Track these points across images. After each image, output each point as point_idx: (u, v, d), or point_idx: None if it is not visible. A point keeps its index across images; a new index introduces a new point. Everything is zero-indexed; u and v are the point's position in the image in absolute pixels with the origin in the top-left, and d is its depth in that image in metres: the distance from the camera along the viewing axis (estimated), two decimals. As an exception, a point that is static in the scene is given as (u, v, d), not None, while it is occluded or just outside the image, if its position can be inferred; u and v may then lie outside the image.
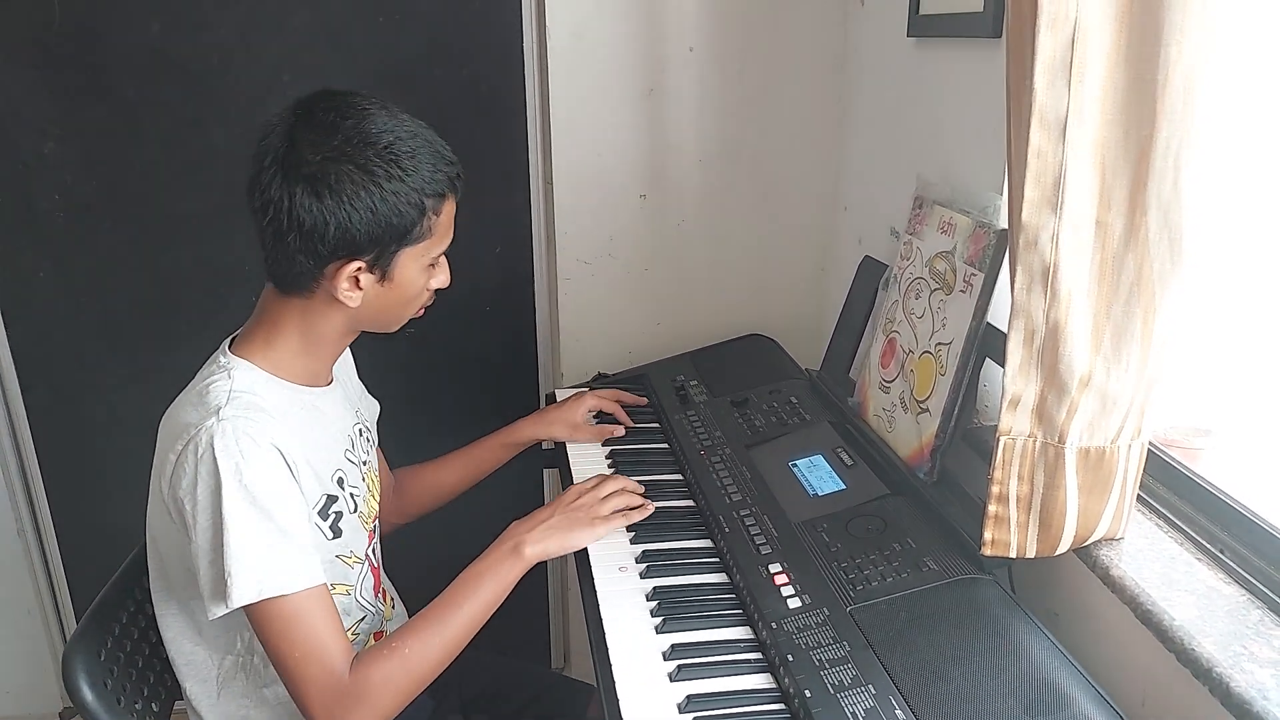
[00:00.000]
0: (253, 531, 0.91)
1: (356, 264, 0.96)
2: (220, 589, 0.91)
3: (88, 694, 0.97)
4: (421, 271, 1.02)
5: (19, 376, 1.72)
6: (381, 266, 0.98)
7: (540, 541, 1.06)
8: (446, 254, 1.06)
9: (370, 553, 1.14)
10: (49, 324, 1.70)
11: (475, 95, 1.67)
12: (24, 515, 1.81)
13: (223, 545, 0.90)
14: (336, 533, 1.05)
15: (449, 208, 1.01)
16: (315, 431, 1.04)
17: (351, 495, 1.09)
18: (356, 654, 0.97)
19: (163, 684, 1.13)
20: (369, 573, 1.14)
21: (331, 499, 1.05)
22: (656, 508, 1.17)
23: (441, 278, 1.06)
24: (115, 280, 1.70)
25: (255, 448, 0.92)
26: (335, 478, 1.06)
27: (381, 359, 1.37)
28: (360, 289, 0.98)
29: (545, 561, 1.07)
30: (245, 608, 0.92)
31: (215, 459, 0.90)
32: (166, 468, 0.94)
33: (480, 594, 1.01)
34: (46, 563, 1.86)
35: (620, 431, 1.41)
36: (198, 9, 1.57)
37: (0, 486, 1.78)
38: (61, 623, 1.92)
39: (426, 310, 1.09)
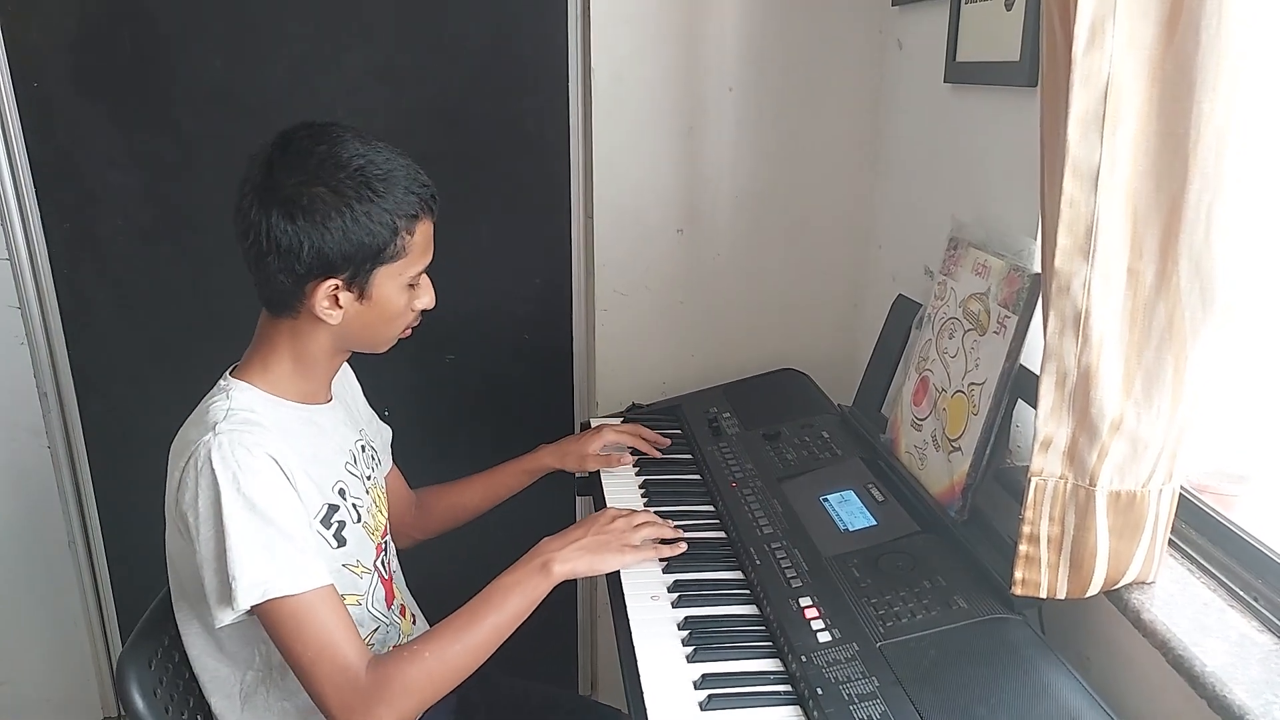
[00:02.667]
0: (253, 536, 0.95)
1: (333, 282, 1.01)
2: (226, 594, 0.95)
3: (139, 702, 1.01)
4: (401, 291, 1.06)
5: (77, 393, 1.79)
6: (359, 285, 1.02)
7: (569, 561, 1.07)
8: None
9: (379, 564, 1.17)
10: (107, 343, 1.77)
11: (520, 131, 1.72)
12: (75, 528, 1.87)
13: (225, 551, 0.94)
14: (341, 541, 1.09)
15: (424, 228, 1.05)
16: (314, 444, 1.09)
17: (354, 506, 1.12)
18: (375, 655, 0.99)
19: (205, 697, 1.16)
20: (379, 584, 1.17)
21: (333, 508, 1.08)
22: (688, 539, 1.18)
23: (425, 299, 1.10)
24: (170, 303, 1.76)
25: (250, 457, 0.96)
26: (336, 488, 1.10)
27: (424, 384, 1.42)
28: (340, 307, 1.03)
29: (575, 588, 1.10)
30: (257, 613, 0.96)
31: (213, 470, 0.95)
32: (173, 485, 1.00)
33: (506, 607, 1.03)
34: (95, 575, 1.92)
35: (628, 460, 1.43)
36: (258, 47, 1.64)
37: (54, 499, 1.84)
38: (106, 635, 1.97)
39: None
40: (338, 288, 1.01)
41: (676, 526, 1.20)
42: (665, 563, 1.16)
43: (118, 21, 1.61)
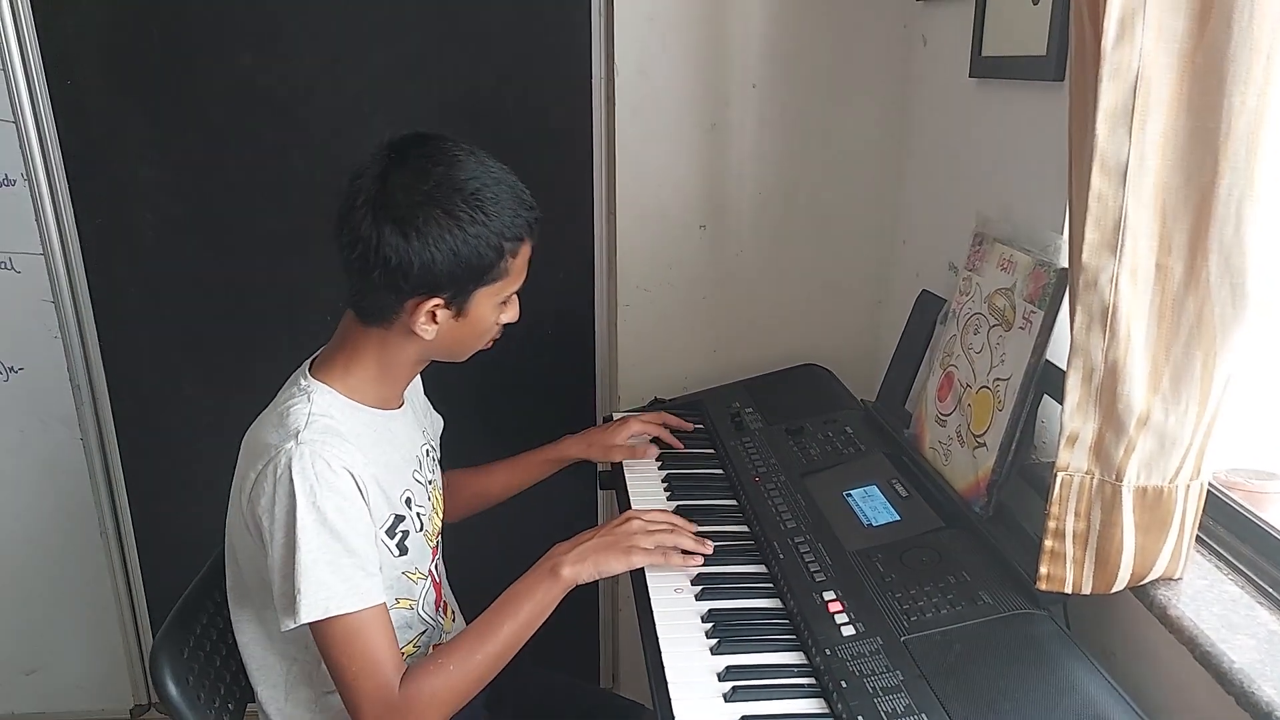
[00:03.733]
0: (322, 552, 0.96)
1: (436, 301, 1.02)
2: (290, 605, 0.97)
3: (172, 689, 1.03)
4: (494, 309, 1.07)
5: (109, 385, 1.82)
6: (458, 304, 1.03)
7: (576, 564, 1.07)
8: (518, 291, 1.11)
9: (433, 568, 1.19)
10: (138, 335, 1.80)
11: (544, 126, 1.73)
12: (106, 517, 1.90)
13: (295, 564, 0.96)
14: (403, 550, 1.10)
15: (525, 250, 1.07)
16: (387, 454, 1.09)
17: (418, 515, 1.14)
18: (407, 668, 1.01)
19: (237, 684, 1.18)
20: (431, 588, 1.18)
21: (399, 519, 1.10)
22: (711, 533, 1.19)
23: (511, 313, 1.12)
24: (199, 295, 1.79)
25: (329, 472, 0.97)
26: (404, 498, 1.12)
27: (447, 377, 1.42)
28: (436, 324, 1.04)
29: (598, 582, 1.10)
30: (311, 625, 0.98)
31: (292, 481, 0.96)
32: (247, 484, 1.00)
33: (520, 614, 1.05)
34: (125, 564, 1.96)
35: (654, 451, 1.44)
36: (286, 43, 1.66)
37: (86, 489, 1.88)
38: (136, 622, 2.01)
39: (494, 341, 1.14)
40: (439, 306, 1.02)
41: (701, 532, 1.17)
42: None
43: (148, 18, 1.63)
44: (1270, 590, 0.91)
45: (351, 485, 1.00)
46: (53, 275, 1.73)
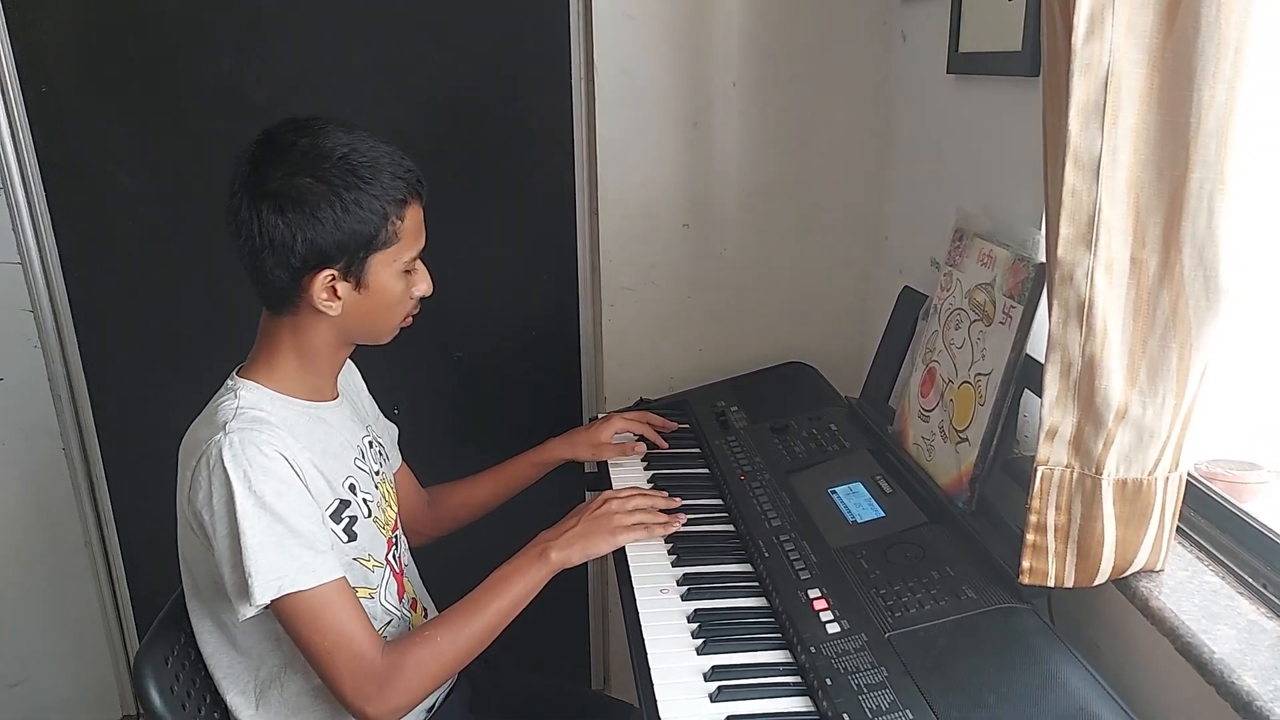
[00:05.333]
0: (266, 533, 0.97)
1: (328, 272, 1.02)
2: (244, 590, 0.97)
3: (156, 699, 1.03)
4: (397, 277, 1.07)
5: (90, 393, 1.80)
6: (355, 274, 1.03)
7: (564, 548, 1.11)
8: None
9: (391, 558, 1.19)
10: (119, 343, 1.79)
11: (525, 127, 1.73)
12: (90, 527, 1.89)
13: (241, 549, 0.96)
14: (352, 536, 1.10)
15: (413, 213, 1.06)
16: (323, 441, 1.10)
17: (365, 501, 1.14)
18: (390, 641, 1.03)
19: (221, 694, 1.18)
20: (391, 577, 1.18)
21: (344, 504, 1.10)
22: (697, 532, 1.20)
23: (423, 285, 1.11)
24: (181, 302, 1.78)
25: (261, 456, 0.98)
26: (347, 484, 1.12)
27: (430, 380, 1.44)
28: (339, 298, 1.04)
29: (586, 585, 1.11)
30: (274, 608, 0.98)
31: (225, 469, 0.97)
32: (185, 485, 1.02)
33: (508, 594, 1.07)
34: (110, 574, 1.94)
35: (641, 449, 1.44)
36: (265, 47, 1.65)
37: (69, 499, 1.86)
38: (123, 632, 1.99)
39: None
40: (334, 278, 1.02)
41: (686, 531, 1.20)
42: (674, 556, 1.17)
43: (126, 22, 1.62)
44: (1250, 580, 0.91)
45: (286, 468, 1.00)
46: (31, 284, 1.72)
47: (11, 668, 1.97)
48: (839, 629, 0.98)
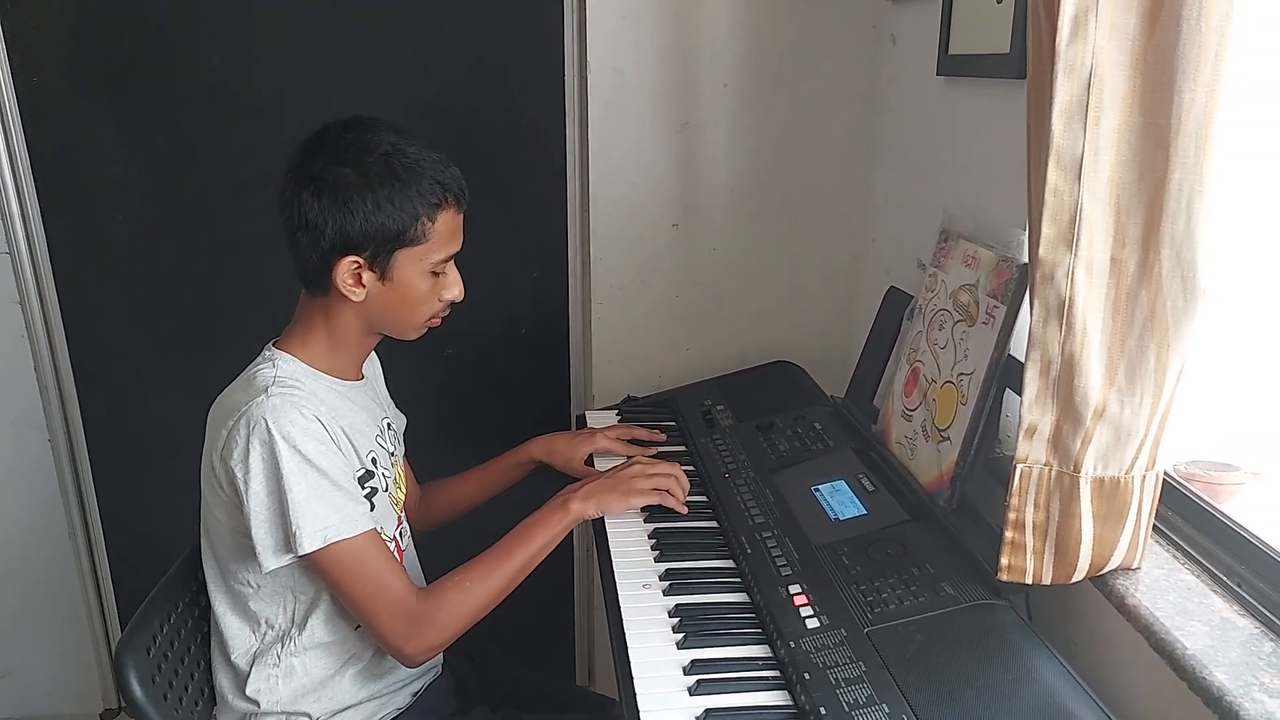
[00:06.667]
0: (311, 487, 1.02)
1: (353, 259, 1.06)
2: (282, 541, 1.03)
3: (137, 690, 1.03)
4: (423, 276, 1.10)
5: (77, 387, 1.80)
6: (380, 265, 1.07)
7: (584, 500, 1.19)
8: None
9: (398, 534, 1.22)
10: (106, 337, 1.79)
11: (516, 126, 1.74)
12: (76, 519, 1.88)
13: (286, 504, 1.01)
14: (371, 506, 1.12)
15: (448, 218, 1.09)
16: (350, 416, 1.14)
17: (384, 475, 1.18)
18: (424, 587, 1.11)
19: (206, 683, 1.18)
20: (395, 553, 1.19)
21: (369, 474, 1.14)
22: (681, 528, 1.22)
23: (454, 290, 1.14)
24: (171, 297, 1.78)
25: (303, 419, 1.04)
26: (370, 457, 1.15)
27: (422, 376, 1.44)
28: (363, 285, 1.08)
29: (572, 582, 1.12)
30: (314, 559, 1.03)
31: (269, 428, 1.01)
32: (218, 442, 1.05)
33: (533, 542, 1.14)
34: (95, 567, 1.94)
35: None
36: (255, 44, 1.66)
37: (55, 491, 1.86)
38: (106, 625, 1.99)
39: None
40: (359, 265, 1.06)
41: (671, 528, 1.23)
42: (657, 551, 1.17)
43: (117, 18, 1.62)
44: (1224, 578, 0.92)
45: (323, 430, 1.05)
46: (20, 276, 1.71)
47: (-6, 660, 1.97)
48: (818, 624, 0.98)
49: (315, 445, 1.03)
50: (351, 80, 1.68)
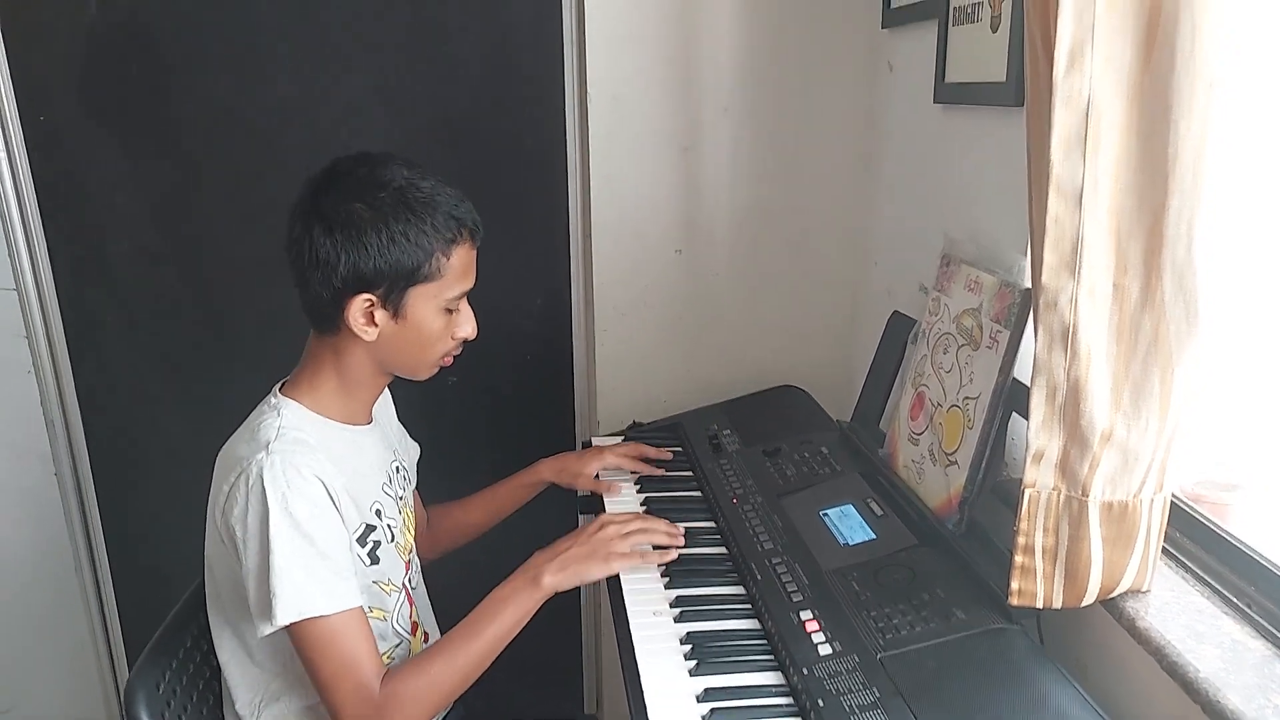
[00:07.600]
0: (296, 555, 0.99)
1: (366, 297, 1.04)
2: (266, 609, 0.98)
3: (148, 724, 1.02)
4: (437, 314, 1.08)
5: (83, 418, 1.81)
6: (393, 303, 1.06)
7: (557, 573, 1.10)
8: (476, 307, 1.13)
9: (407, 581, 1.20)
10: (113, 367, 1.80)
11: (518, 151, 1.75)
12: (81, 551, 1.88)
13: (269, 568, 0.98)
14: (375, 560, 1.11)
15: (462, 254, 1.08)
16: (355, 465, 1.12)
17: (389, 526, 1.15)
18: (388, 669, 1.03)
19: (215, 717, 1.17)
20: (405, 601, 1.19)
21: (370, 528, 1.12)
22: (690, 555, 1.20)
23: (467, 328, 1.12)
24: (175, 326, 1.79)
25: (300, 479, 1.00)
26: (374, 509, 1.13)
27: (426, 403, 1.44)
28: (375, 324, 1.06)
29: (579, 609, 1.11)
30: (290, 629, 0.99)
31: (264, 489, 0.98)
32: (220, 498, 1.03)
33: (501, 620, 1.07)
34: (101, 599, 1.93)
35: (619, 489, 1.41)
36: (261, 70, 1.67)
37: (61, 523, 1.86)
38: (113, 658, 1.98)
39: (457, 360, 1.15)
40: (372, 304, 1.05)
41: (680, 555, 1.19)
42: (667, 578, 1.17)
43: (122, 46, 1.64)
44: (1235, 600, 0.93)
45: (322, 492, 1.03)
46: (26, 310, 1.73)
47: (1, 694, 1.96)
48: (831, 650, 0.98)
49: (308, 509, 1.00)
50: (356, 105, 1.70)
